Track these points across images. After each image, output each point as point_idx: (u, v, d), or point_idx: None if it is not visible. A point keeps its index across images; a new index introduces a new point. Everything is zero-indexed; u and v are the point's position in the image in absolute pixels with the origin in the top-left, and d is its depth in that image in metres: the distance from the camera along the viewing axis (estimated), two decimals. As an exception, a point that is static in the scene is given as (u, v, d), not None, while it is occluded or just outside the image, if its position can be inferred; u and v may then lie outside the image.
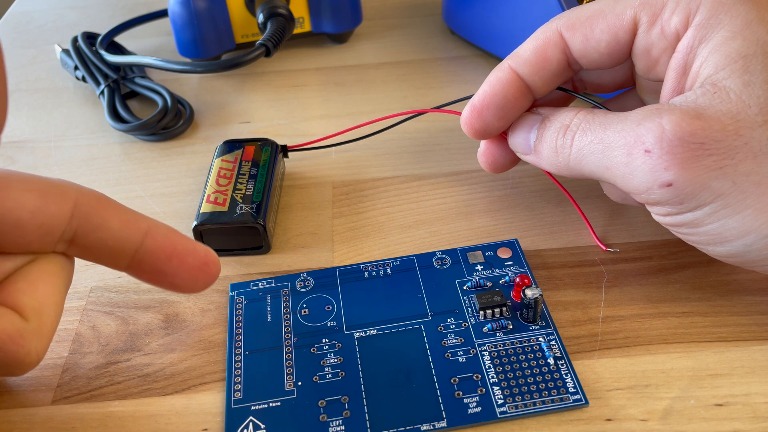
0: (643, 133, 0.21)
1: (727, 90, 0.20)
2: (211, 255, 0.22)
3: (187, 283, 0.22)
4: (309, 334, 0.24)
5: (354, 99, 0.39)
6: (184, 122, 0.36)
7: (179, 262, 0.21)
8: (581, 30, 0.24)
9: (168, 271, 0.21)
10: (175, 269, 0.21)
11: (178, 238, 0.22)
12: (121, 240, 0.21)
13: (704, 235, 0.22)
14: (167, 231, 0.22)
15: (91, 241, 0.21)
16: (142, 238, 0.21)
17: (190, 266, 0.22)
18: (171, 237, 0.22)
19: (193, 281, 0.22)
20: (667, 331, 0.24)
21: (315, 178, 0.33)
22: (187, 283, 0.22)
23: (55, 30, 0.48)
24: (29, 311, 0.20)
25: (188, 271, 0.22)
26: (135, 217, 0.21)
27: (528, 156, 0.25)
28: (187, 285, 0.22)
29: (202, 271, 0.22)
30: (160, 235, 0.21)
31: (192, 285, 0.22)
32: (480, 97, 0.26)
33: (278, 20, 0.39)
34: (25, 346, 0.20)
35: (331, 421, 0.22)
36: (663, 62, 0.23)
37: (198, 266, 0.22)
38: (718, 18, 0.21)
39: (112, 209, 0.21)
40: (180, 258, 0.21)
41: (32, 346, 0.20)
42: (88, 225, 0.21)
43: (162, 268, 0.21)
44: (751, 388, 0.22)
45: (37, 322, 0.20)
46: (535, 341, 0.23)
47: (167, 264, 0.21)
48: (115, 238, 0.21)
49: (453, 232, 0.29)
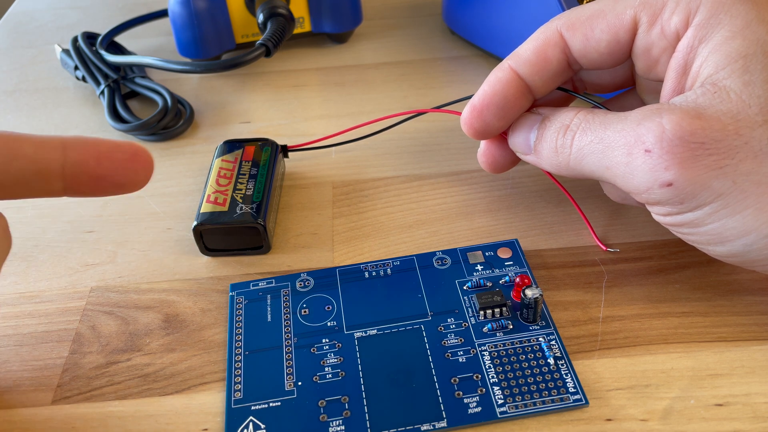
0: (644, 132, 0.21)
1: (728, 90, 0.20)
2: (136, 145, 0.22)
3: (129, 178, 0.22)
4: (309, 334, 0.24)
5: (354, 99, 0.39)
6: (184, 122, 0.36)
7: (109, 161, 0.21)
8: (581, 30, 0.24)
9: (104, 174, 0.21)
10: (110, 169, 0.21)
11: (98, 142, 0.21)
12: (42, 161, 0.21)
13: (704, 235, 0.22)
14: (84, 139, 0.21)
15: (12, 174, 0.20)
16: (62, 152, 0.21)
17: (122, 161, 0.21)
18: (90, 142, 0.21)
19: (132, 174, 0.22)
20: (667, 331, 0.24)
21: (315, 178, 0.33)
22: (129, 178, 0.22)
23: (56, 30, 0.48)
24: None
25: (123, 166, 0.21)
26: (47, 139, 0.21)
27: (528, 156, 0.25)
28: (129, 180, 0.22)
29: (135, 161, 0.22)
30: (78, 144, 0.21)
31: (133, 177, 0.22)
32: (480, 98, 0.26)
33: (278, 20, 0.39)
34: None
35: (331, 421, 0.22)
36: (663, 62, 0.23)
37: (129, 158, 0.22)
38: (718, 18, 0.21)
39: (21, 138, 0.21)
40: (109, 157, 0.21)
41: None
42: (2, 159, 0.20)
43: (97, 172, 0.21)
44: (751, 388, 0.22)
45: None
46: (535, 341, 0.23)
47: (99, 167, 0.21)
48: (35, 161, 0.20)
49: (453, 232, 0.29)
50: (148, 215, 0.31)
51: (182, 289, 0.27)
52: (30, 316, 0.26)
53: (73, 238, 0.30)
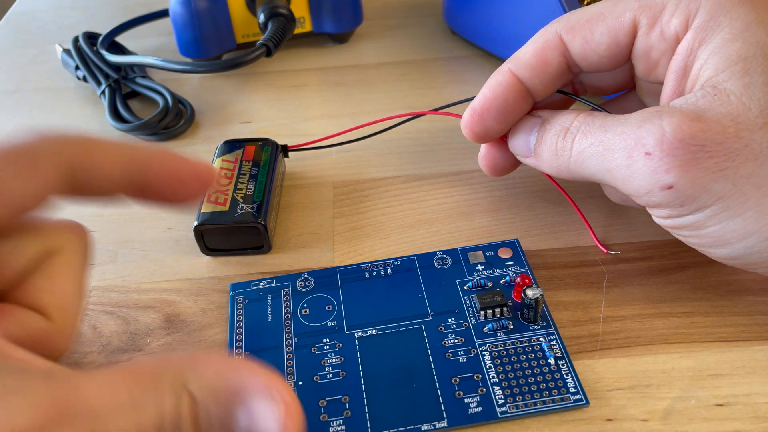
0: (644, 135, 0.21)
1: (728, 92, 0.20)
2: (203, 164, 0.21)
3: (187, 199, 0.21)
4: (309, 334, 0.24)
5: (355, 99, 0.39)
6: (184, 122, 0.36)
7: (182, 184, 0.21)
8: (581, 33, 0.24)
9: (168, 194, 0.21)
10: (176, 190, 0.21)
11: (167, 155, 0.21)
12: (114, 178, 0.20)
13: (705, 238, 0.22)
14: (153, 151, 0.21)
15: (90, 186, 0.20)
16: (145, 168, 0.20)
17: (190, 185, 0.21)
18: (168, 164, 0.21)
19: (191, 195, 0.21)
20: (668, 331, 0.24)
21: (316, 178, 0.33)
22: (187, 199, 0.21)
23: (56, 30, 0.48)
24: (53, 310, 0.19)
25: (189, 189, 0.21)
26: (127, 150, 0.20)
27: (528, 159, 0.25)
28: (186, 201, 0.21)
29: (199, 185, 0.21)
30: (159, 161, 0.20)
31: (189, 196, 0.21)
32: (480, 101, 0.26)
33: (279, 20, 0.39)
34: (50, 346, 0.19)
35: (332, 421, 0.22)
36: (663, 64, 0.23)
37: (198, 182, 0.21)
38: (718, 20, 0.21)
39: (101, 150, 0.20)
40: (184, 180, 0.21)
41: (58, 345, 0.20)
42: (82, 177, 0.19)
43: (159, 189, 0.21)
44: (752, 388, 0.22)
45: (61, 320, 0.20)
46: (536, 341, 0.23)
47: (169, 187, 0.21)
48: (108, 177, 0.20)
49: (454, 232, 0.29)
50: (148, 215, 0.31)
51: (183, 289, 0.27)
52: (31, 315, 0.26)
53: (74, 238, 0.30)
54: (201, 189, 0.21)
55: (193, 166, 0.21)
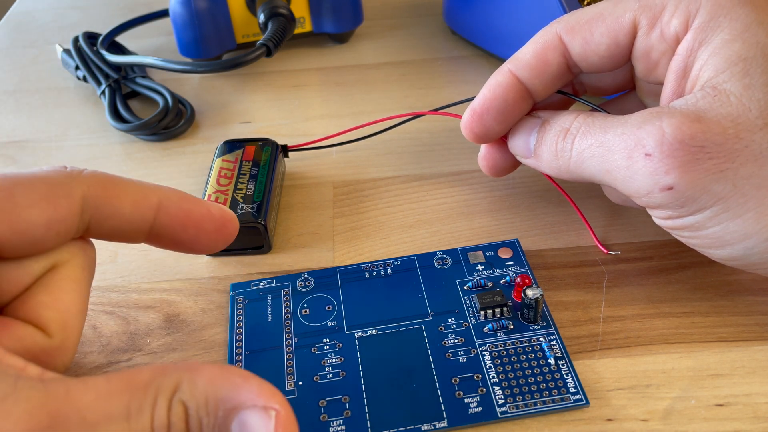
0: (644, 136, 0.21)
1: (728, 93, 0.20)
2: (227, 214, 0.22)
3: (207, 247, 0.22)
4: (310, 334, 0.24)
5: (355, 99, 0.39)
6: (184, 122, 0.36)
7: (196, 230, 0.21)
8: (581, 33, 0.24)
9: (186, 240, 0.21)
10: (193, 237, 0.21)
11: (191, 206, 0.21)
12: (134, 222, 0.20)
13: (705, 239, 0.22)
14: (179, 201, 0.21)
15: (104, 228, 0.20)
16: (155, 214, 0.21)
17: (208, 232, 0.21)
18: (184, 206, 0.21)
19: (212, 244, 0.22)
20: (668, 331, 0.24)
21: (316, 178, 0.33)
22: (207, 247, 0.22)
23: (56, 30, 0.48)
24: (53, 326, 0.19)
25: (207, 237, 0.21)
26: (145, 195, 0.21)
27: (528, 159, 0.25)
28: (206, 248, 0.22)
29: (220, 233, 0.22)
30: (172, 207, 0.21)
31: (211, 247, 0.22)
32: (480, 102, 0.26)
33: (279, 20, 0.39)
34: (51, 363, 0.19)
35: (332, 421, 0.22)
36: (663, 65, 0.23)
37: (216, 230, 0.21)
38: (718, 21, 0.21)
39: (121, 192, 0.20)
40: (196, 226, 0.21)
41: (57, 362, 0.19)
42: (100, 215, 0.20)
43: (179, 238, 0.21)
44: (752, 388, 0.22)
45: (62, 337, 0.19)
46: (536, 341, 0.23)
47: (184, 234, 0.21)
48: (128, 221, 0.20)
49: (454, 232, 0.29)
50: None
51: (183, 289, 0.27)
52: (31, 315, 0.26)
53: (74, 238, 0.30)
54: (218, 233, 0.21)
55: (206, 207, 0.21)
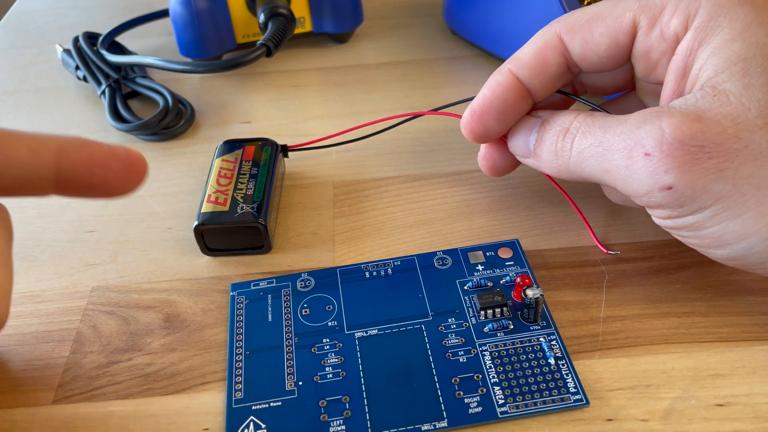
0: (643, 136, 0.21)
1: (727, 93, 0.20)
2: (133, 153, 0.21)
3: (119, 188, 0.21)
4: (310, 334, 0.24)
5: (355, 99, 0.39)
6: (185, 122, 0.36)
7: (103, 170, 0.21)
8: (580, 33, 0.24)
9: (96, 183, 0.21)
10: (102, 179, 0.21)
11: (94, 149, 0.21)
12: (35, 170, 0.20)
13: (705, 238, 0.22)
14: (81, 145, 0.21)
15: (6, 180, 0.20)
16: (56, 160, 0.20)
17: (116, 171, 0.21)
18: (86, 150, 0.21)
19: (123, 185, 0.21)
20: (668, 332, 0.24)
21: (316, 178, 0.33)
22: (119, 188, 0.21)
23: (57, 30, 0.48)
24: None
25: (116, 176, 0.21)
26: (41, 142, 0.20)
27: (528, 159, 0.25)
28: (119, 189, 0.21)
29: (130, 172, 0.21)
30: (74, 151, 0.21)
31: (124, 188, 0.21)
32: (480, 101, 0.26)
33: (279, 20, 0.39)
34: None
35: (332, 421, 0.22)
36: (662, 65, 0.23)
37: (123, 168, 0.21)
38: (718, 20, 0.21)
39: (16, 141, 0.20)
40: (103, 166, 0.21)
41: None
42: None
43: (88, 181, 0.21)
44: (752, 388, 0.22)
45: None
46: (536, 341, 0.23)
47: (92, 177, 0.21)
48: (28, 169, 0.20)
49: (454, 232, 0.29)
50: (149, 215, 0.31)
51: (183, 289, 0.27)
52: (31, 315, 0.26)
53: (74, 238, 0.30)
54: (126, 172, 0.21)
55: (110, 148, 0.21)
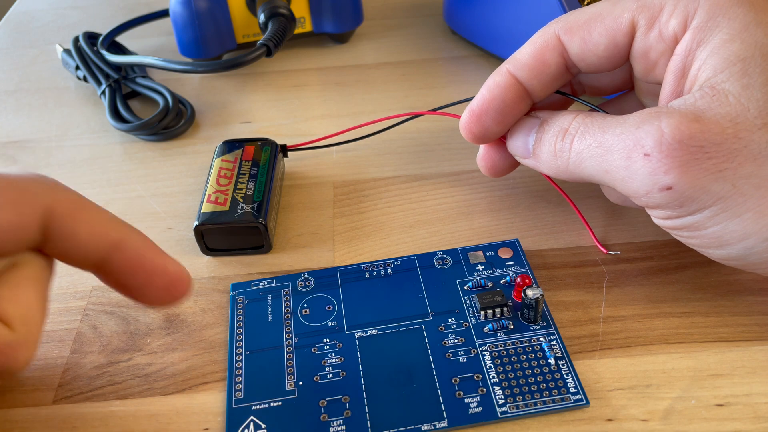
0: (642, 136, 0.21)
1: (726, 93, 0.20)
2: (182, 275, 0.21)
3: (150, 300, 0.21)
4: (310, 334, 0.24)
5: (355, 99, 0.39)
6: (185, 122, 0.36)
7: (144, 280, 0.20)
8: (579, 33, 0.24)
9: (131, 287, 0.20)
10: (139, 286, 0.20)
11: (149, 255, 0.20)
12: (86, 250, 0.20)
13: (704, 239, 0.22)
14: (140, 246, 0.20)
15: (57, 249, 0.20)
16: (110, 250, 0.20)
17: (155, 286, 0.20)
18: (141, 252, 0.20)
19: (155, 300, 0.21)
20: (668, 332, 0.24)
21: (316, 177, 0.33)
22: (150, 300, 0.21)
23: (57, 30, 0.48)
24: (15, 320, 0.19)
25: (153, 291, 0.21)
26: (106, 228, 0.20)
27: (527, 160, 0.25)
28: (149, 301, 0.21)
29: (168, 291, 0.21)
30: (130, 250, 0.20)
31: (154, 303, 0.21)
32: (479, 102, 0.26)
33: (279, 20, 0.39)
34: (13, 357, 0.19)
35: (332, 421, 0.22)
36: (661, 65, 0.23)
37: (164, 286, 0.21)
38: (716, 21, 0.21)
39: (85, 217, 0.20)
40: (146, 276, 0.20)
41: (20, 355, 0.19)
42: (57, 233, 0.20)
43: (126, 282, 0.20)
44: (753, 388, 0.22)
45: (24, 330, 0.19)
46: (536, 341, 0.23)
47: (132, 279, 0.20)
48: (83, 247, 0.20)
49: (454, 232, 0.29)
50: (149, 215, 0.31)
51: (183, 289, 0.27)
52: (31, 315, 0.26)
53: (74, 238, 0.30)
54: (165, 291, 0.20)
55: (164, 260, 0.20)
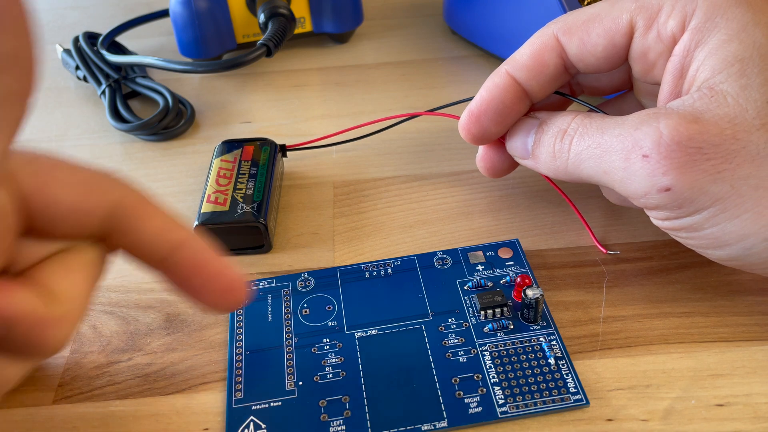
0: (641, 137, 0.21)
1: (724, 94, 0.20)
2: (239, 281, 0.21)
3: (207, 302, 0.21)
4: (310, 334, 0.24)
5: (355, 99, 0.39)
6: (185, 122, 0.36)
7: (203, 282, 0.20)
8: (578, 34, 0.24)
9: (190, 288, 0.21)
10: (198, 287, 0.20)
11: (209, 258, 0.20)
12: (151, 249, 0.20)
13: (703, 239, 0.22)
14: (200, 249, 0.20)
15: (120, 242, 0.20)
16: (171, 250, 0.20)
17: (213, 289, 0.20)
18: (201, 255, 0.20)
19: (214, 303, 0.21)
20: (668, 332, 0.24)
21: (316, 177, 0.33)
22: (207, 302, 0.21)
23: (57, 30, 0.48)
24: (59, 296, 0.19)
25: (210, 293, 0.21)
26: (170, 228, 0.20)
27: (526, 160, 0.25)
28: (206, 303, 0.21)
29: (225, 296, 0.21)
30: (190, 252, 0.20)
31: (211, 305, 0.21)
32: (477, 103, 0.26)
33: (279, 20, 0.39)
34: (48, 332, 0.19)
35: (332, 421, 0.22)
36: (660, 66, 0.23)
37: (222, 291, 0.21)
38: (714, 21, 0.21)
39: (152, 215, 0.20)
40: (206, 279, 0.20)
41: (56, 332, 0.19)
42: (122, 228, 0.20)
43: (185, 283, 0.20)
44: (752, 388, 0.22)
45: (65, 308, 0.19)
46: (536, 341, 0.23)
47: (190, 280, 0.20)
48: (146, 244, 0.20)
49: (454, 232, 0.29)
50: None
51: (183, 289, 0.27)
52: (31, 315, 0.26)
53: (74, 238, 0.30)
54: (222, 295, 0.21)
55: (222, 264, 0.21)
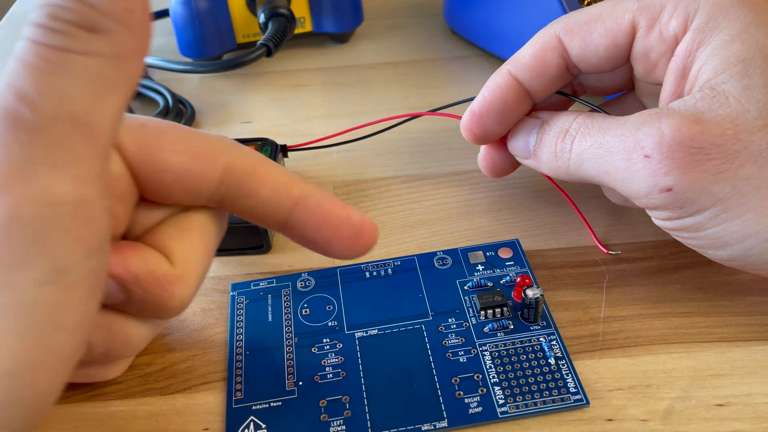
0: (643, 137, 0.21)
1: (726, 94, 0.20)
2: (366, 224, 0.21)
3: (339, 253, 0.21)
4: (310, 334, 0.24)
5: (355, 99, 0.39)
6: (185, 122, 0.36)
7: (330, 233, 0.21)
8: (580, 34, 0.24)
9: (318, 241, 0.21)
10: (326, 239, 0.21)
11: (331, 207, 0.21)
12: (269, 208, 0.20)
13: (705, 240, 0.22)
14: (320, 199, 0.21)
15: (239, 206, 0.20)
16: (292, 207, 0.20)
17: (342, 237, 0.21)
18: (323, 206, 0.20)
19: (345, 251, 0.21)
20: (668, 332, 0.24)
21: (316, 177, 0.33)
22: (339, 253, 0.21)
23: (57, 30, 0.48)
24: (177, 257, 0.20)
25: (340, 242, 0.21)
26: (287, 185, 0.20)
27: (528, 160, 0.25)
28: (338, 254, 0.21)
29: (355, 242, 0.21)
30: (311, 205, 0.20)
31: (344, 254, 0.21)
32: (479, 103, 0.26)
33: (279, 20, 0.39)
34: (170, 290, 0.20)
35: (332, 421, 0.22)
36: (662, 66, 0.23)
37: (351, 237, 0.21)
38: (717, 21, 0.21)
39: (265, 175, 0.20)
40: (331, 229, 0.21)
41: (177, 291, 0.20)
42: (237, 191, 0.20)
43: (312, 237, 0.21)
44: (752, 388, 0.22)
45: (184, 268, 0.20)
46: (536, 341, 0.23)
47: (318, 234, 0.21)
48: (263, 205, 0.20)
49: (454, 232, 0.29)
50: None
51: (183, 289, 0.27)
52: (31, 315, 0.26)
53: (74, 238, 0.30)
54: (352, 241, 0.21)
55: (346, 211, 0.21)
